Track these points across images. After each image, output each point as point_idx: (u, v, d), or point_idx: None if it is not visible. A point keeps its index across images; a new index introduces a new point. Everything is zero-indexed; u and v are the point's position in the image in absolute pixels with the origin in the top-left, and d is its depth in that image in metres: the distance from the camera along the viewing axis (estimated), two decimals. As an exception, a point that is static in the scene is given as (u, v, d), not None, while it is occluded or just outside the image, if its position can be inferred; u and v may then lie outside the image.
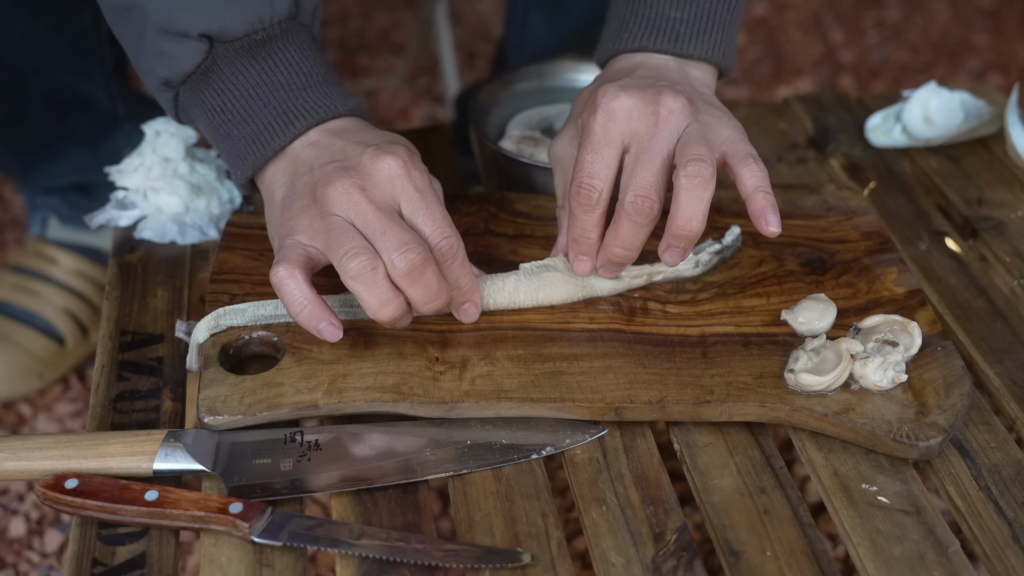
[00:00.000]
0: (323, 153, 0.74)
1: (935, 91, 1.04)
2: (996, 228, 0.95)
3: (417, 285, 0.70)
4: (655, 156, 0.73)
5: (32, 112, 1.19)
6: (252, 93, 0.75)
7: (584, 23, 1.29)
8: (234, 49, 0.75)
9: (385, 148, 0.73)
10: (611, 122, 0.74)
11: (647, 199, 0.72)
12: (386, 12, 2.13)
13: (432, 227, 0.72)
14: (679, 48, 0.80)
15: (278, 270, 0.70)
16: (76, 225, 1.31)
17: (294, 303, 0.71)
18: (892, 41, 2.11)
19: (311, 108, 0.75)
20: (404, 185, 0.72)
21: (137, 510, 0.67)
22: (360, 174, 0.71)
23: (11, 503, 1.21)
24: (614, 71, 0.81)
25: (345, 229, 0.70)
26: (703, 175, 0.71)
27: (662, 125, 0.73)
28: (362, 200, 0.70)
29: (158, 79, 0.76)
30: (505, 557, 0.65)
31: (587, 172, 0.74)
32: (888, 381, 0.74)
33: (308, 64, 0.77)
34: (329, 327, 0.71)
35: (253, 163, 0.76)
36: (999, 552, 0.68)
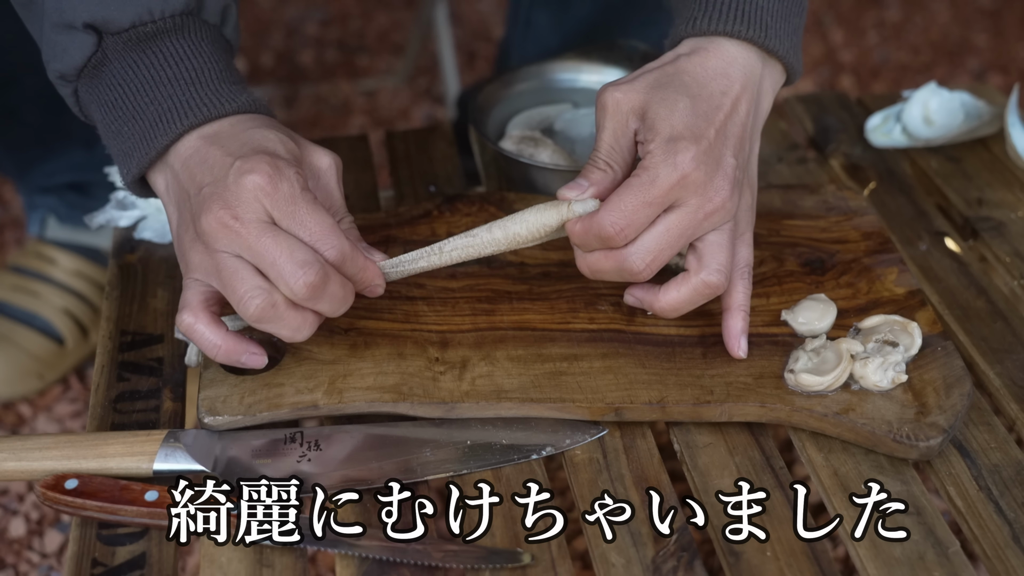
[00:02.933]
0: (196, 172, 0.71)
1: (935, 91, 1.04)
2: (996, 228, 0.95)
3: (323, 300, 0.69)
4: (684, 237, 0.72)
5: (26, 109, 1.19)
6: (140, 88, 0.73)
7: (588, 22, 1.29)
8: (123, 42, 0.73)
9: (247, 162, 0.69)
10: (678, 187, 0.70)
11: (655, 263, 0.72)
12: (386, 12, 2.13)
13: (311, 239, 0.68)
14: (767, 40, 0.75)
15: (183, 317, 0.70)
16: (75, 225, 1.31)
17: (208, 346, 0.70)
18: (892, 41, 2.11)
19: (195, 106, 0.72)
20: (273, 201, 0.68)
21: (137, 510, 0.67)
22: (227, 200, 0.68)
23: (11, 503, 1.21)
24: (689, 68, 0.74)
25: (234, 269, 0.68)
26: (717, 289, 0.73)
27: (710, 217, 0.72)
28: (240, 230, 0.67)
29: (55, 73, 0.75)
30: (505, 557, 0.65)
31: (628, 221, 0.70)
32: (888, 381, 0.74)
33: (200, 60, 0.74)
34: (251, 357, 0.71)
35: (139, 162, 0.74)
36: (999, 552, 0.68)
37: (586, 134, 0.99)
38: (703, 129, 0.71)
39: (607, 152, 0.74)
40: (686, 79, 0.73)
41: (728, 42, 0.74)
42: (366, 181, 0.99)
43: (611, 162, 0.73)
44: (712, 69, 0.73)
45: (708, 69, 0.73)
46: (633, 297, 0.78)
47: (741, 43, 0.75)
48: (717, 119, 0.72)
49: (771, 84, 0.77)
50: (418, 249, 0.75)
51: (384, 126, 1.85)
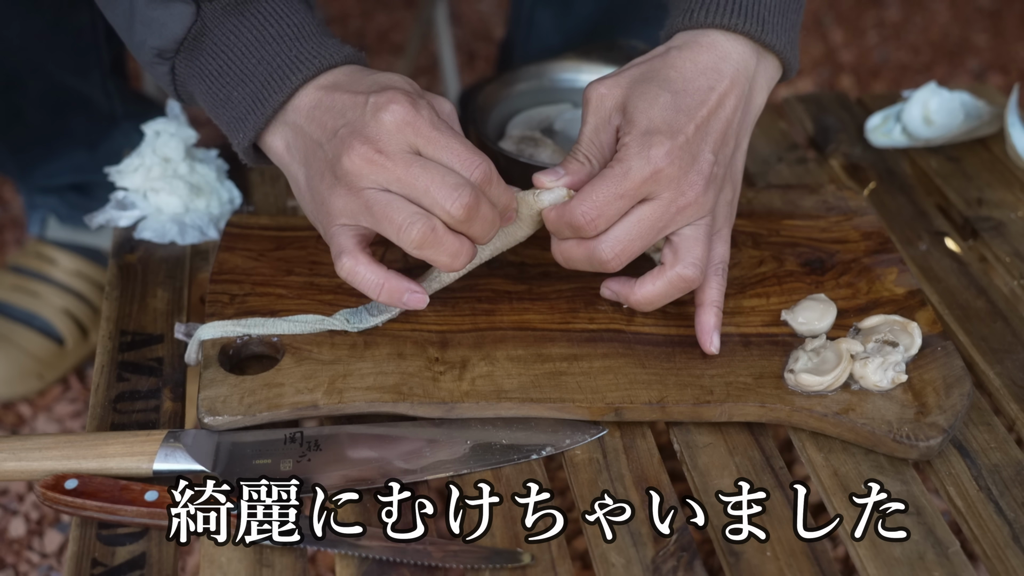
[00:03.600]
0: (326, 119, 0.71)
1: (935, 91, 1.04)
2: (996, 228, 0.95)
3: (476, 222, 0.69)
4: (656, 231, 0.72)
5: (29, 110, 1.19)
6: (245, 51, 0.73)
7: (591, 22, 1.29)
8: (221, 8, 0.73)
9: (382, 96, 0.70)
10: (651, 181, 0.70)
11: (623, 254, 0.72)
12: (386, 12, 2.13)
13: (458, 161, 0.69)
14: (763, 34, 0.74)
15: (342, 261, 0.70)
16: (75, 225, 1.31)
17: (371, 286, 0.71)
18: (892, 41, 2.11)
19: (306, 59, 0.73)
20: (416, 129, 0.69)
21: (137, 510, 0.67)
22: (369, 136, 0.69)
23: (11, 503, 1.21)
24: (677, 63, 0.74)
25: (387, 202, 0.68)
26: (692, 283, 0.74)
27: (684, 211, 0.72)
28: (386, 163, 0.68)
29: (152, 51, 0.75)
30: (505, 558, 0.65)
31: (599, 211, 0.71)
32: (888, 381, 0.74)
33: (298, 16, 0.75)
34: (413, 296, 0.72)
35: (255, 124, 0.74)
36: (999, 552, 0.68)
37: (586, 134, 0.99)
38: (682, 124, 0.71)
39: (586, 145, 0.75)
40: (672, 74, 0.73)
41: (723, 36, 0.74)
42: (366, 181, 0.99)
43: (589, 155, 0.74)
44: (703, 64, 0.73)
45: (698, 64, 0.73)
46: (609, 290, 0.78)
47: (736, 37, 0.74)
48: (699, 115, 0.72)
49: (766, 80, 0.77)
50: None
51: (384, 126, 1.84)
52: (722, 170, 0.74)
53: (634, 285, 0.76)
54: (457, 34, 2.01)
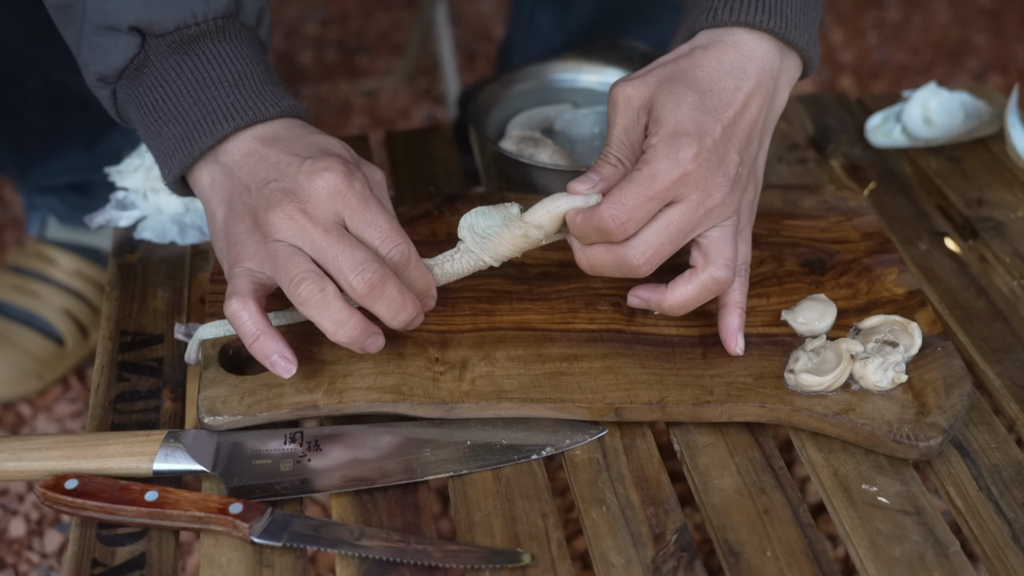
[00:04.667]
0: (259, 169, 0.72)
1: (935, 91, 1.04)
2: (996, 228, 0.95)
3: (380, 301, 0.69)
4: (683, 231, 0.72)
5: (27, 109, 1.19)
6: (183, 90, 0.74)
7: (591, 22, 1.29)
8: (166, 44, 0.74)
9: (320, 162, 0.71)
10: (679, 184, 0.70)
11: (654, 259, 0.72)
12: (386, 12, 2.13)
13: (380, 237, 0.70)
14: (787, 32, 0.73)
15: (231, 302, 0.70)
16: (75, 225, 1.31)
17: (247, 335, 0.70)
18: (892, 41, 2.11)
19: (242, 108, 0.73)
20: (346, 200, 0.70)
21: (137, 510, 0.67)
22: (299, 196, 0.70)
23: (11, 503, 1.21)
24: (703, 63, 0.73)
25: (290, 255, 0.69)
26: (725, 284, 0.74)
27: (710, 213, 0.72)
28: (307, 224, 0.69)
29: (94, 75, 0.76)
30: (505, 558, 0.65)
31: (628, 215, 0.70)
32: (888, 381, 0.74)
33: (243, 62, 0.75)
34: (281, 360, 0.71)
35: (181, 162, 0.74)
36: (999, 552, 0.68)
37: (586, 134, 0.99)
38: (709, 126, 0.71)
39: (617, 147, 0.74)
40: (699, 74, 0.72)
41: (747, 34, 0.74)
42: (366, 181, 0.99)
43: (621, 157, 0.73)
44: (728, 64, 0.73)
45: (724, 63, 0.73)
46: (638, 298, 0.77)
47: (761, 35, 0.74)
48: (725, 116, 0.71)
49: (788, 78, 0.76)
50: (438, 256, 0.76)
51: (384, 126, 1.85)
52: (747, 170, 0.73)
53: (665, 291, 0.75)
54: (457, 34, 2.01)
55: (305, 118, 0.78)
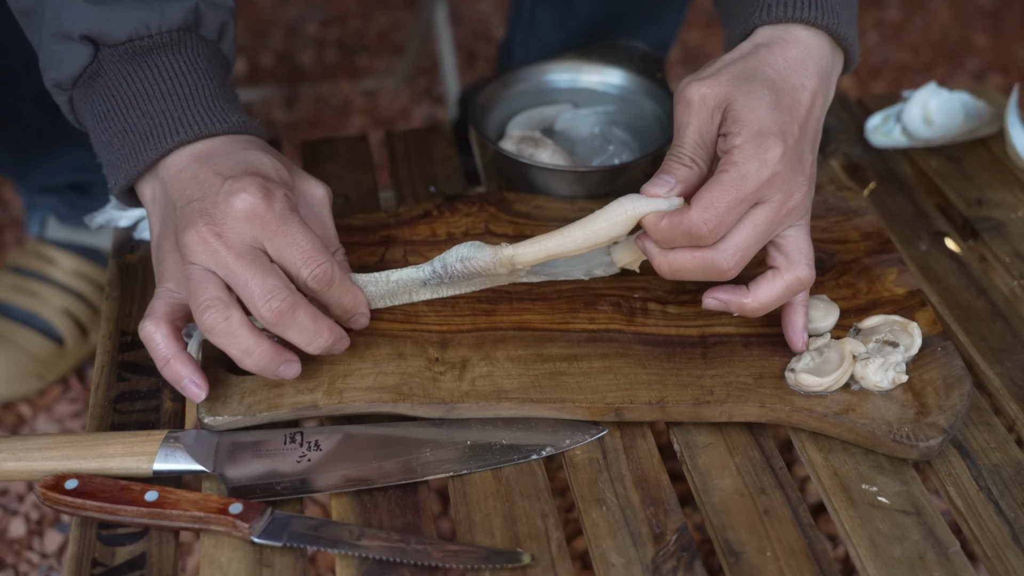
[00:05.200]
0: (186, 187, 0.71)
1: (935, 91, 1.04)
2: (996, 228, 0.95)
3: (292, 330, 0.69)
4: (768, 232, 0.72)
5: (26, 108, 1.19)
6: (133, 101, 0.73)
7: (592, 21, 1.29)
8: (119, 55, 0.73)
9: (238, 183, 0.69)
10: (766, 184, 0.70)
11: (742, 261, 0.72)
12: (386, 12, 2.13)
13: (301, 258, 0.69)
14: (839, 27, 0.73)
15: (145, 323, 0.70)
16: (75, 225, 1.31)
17: (157, 358, 0.70)
18: (892, 41, 2.11)
19: (187, 123, 0.73)
20: (263, 221, 0.68)
21: (137, 510, 0.67)
22: (215, 217, 0.68)
23: (11, 503, 1.21)
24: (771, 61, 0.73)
25: (202, 280, 0.68)
26: (807, 284, 0.74)
27: (790, 213, 0.72)
28: (220, 248, 0.68)
29: (51, 81, 0.76)
30: (505, 558, 0.65)
31: (719, 219, 0.69)
32: (888, 381, 0.74)
33: (195, 77, 0.74)
34: (191, 385, 0.70)
35: (127, 174, 0.74)
36: (999, 552, 0.68)
37: (586, 134, 0.99)
38: (788, 125, 0.70)
39: (691, 148, 0.73)
40: (769, 72, 0.72)
41: (804, 31, 0.74)
42: (366, 181, 0.99)
43: (696, 158, 0.73)
44: (793, 61, 0.73)
45: (789, 61, 0.73)
46: (716, 300, 0.75)
47: (816, 31, 0.74)
48: (799, 115, 0.71)
49: (836, 74, 0.76)
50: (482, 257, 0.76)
51: (384, 126, 1.85)
52: (813, 169, 0.73)
53: (746, 292, 0.74)
54: (457, 34, 2.01)
55: (257, 134, 0.77)
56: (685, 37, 2.08)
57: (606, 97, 1.02)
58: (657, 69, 1.01)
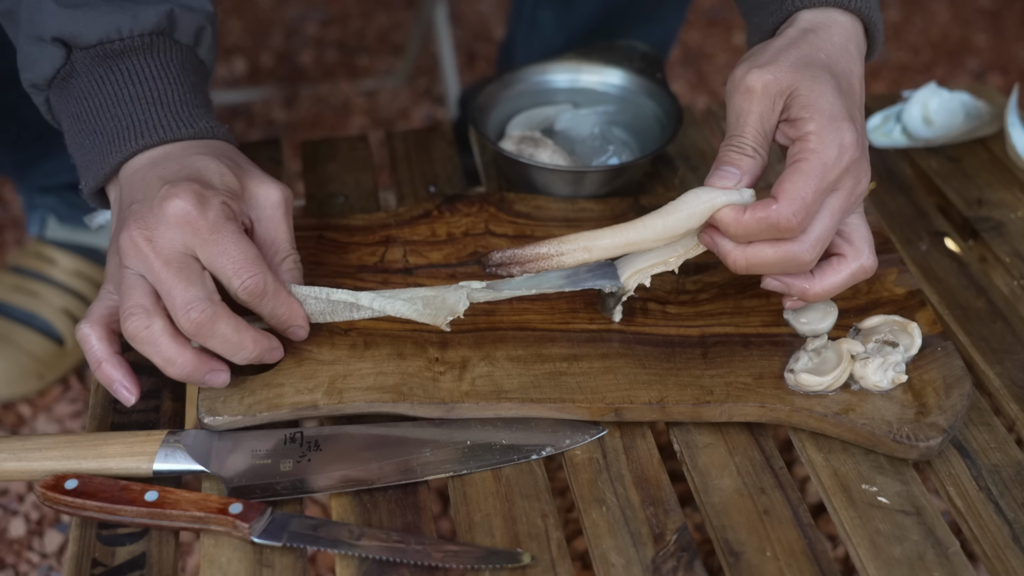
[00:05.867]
0: (135, 190, 0.71)
1: (935, 92, 1.04)
2: (996, 228, 0.95)
3: (213, 340, 0.68)
4: (840, 219, 0.71)
5: (25, 107, 1.19)
6: (103, 104, 0.73)
7: (593, 21, 1.29)
8: (91, 57, 0.74)
9: (175, 188, 0.68)
10: (844, 172, 0.69)
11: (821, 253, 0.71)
12: (386, 12, 2.13)
13: (232, 268, 0.68)
14: (871, 12, 0.73)
15: (81, 326, 0.70)
16: (75, 225, 1.31)
17: (90, 360, 0.70)
18: (892, 41, 2.11)
19: (152, 127, 0.72)
20: (195, 228, 0.67)
21: (137, 510, 0.67)
22: (149, 221, 0.68)
23: (11, 503, 1.21)
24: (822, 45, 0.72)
25: (131, 285, 0.68)
26: (867, 273, 0.74)
27: (859, 198, 0.72)
28: (150, 253, 0.67)
29: (27, 82, 0.76)
30: (505, 558, 0.65)
31: (808, 210, 0.68)
32: (888, 381, 0.74)
33: (164, 81, 0.74)
34: (121, 389, 0.70)
35: (95, 176, 0.74)
36: (999, 552, 0.68)
37: (586, 134, 0.99)
38: (852, 109, 0.70)
39: (754, 137, 0.72)
40: (823, 57, 0.72)
41: (843, 15, 0.74)
42: (366, 181, 0.99)
43: (759, 147, 0.72)
44: (839, 46, 0.72)
45: (836, 45, 0.72)
46: (779, 282, 0.74)
47: (852, 16, 0.74)
48: (857, 99, 0.71)
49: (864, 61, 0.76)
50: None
51: (384, 126, 1.85)
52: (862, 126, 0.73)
53: (810, 278, 0.73)
54: (457, 34, 2.01)
55: (226, 139, 0.76)
56: (685, 37, 2.08)
57: (606, 97, 1.02)
58: (657, 69, 1.01)
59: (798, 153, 0.69)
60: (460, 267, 0.84)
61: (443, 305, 0.74)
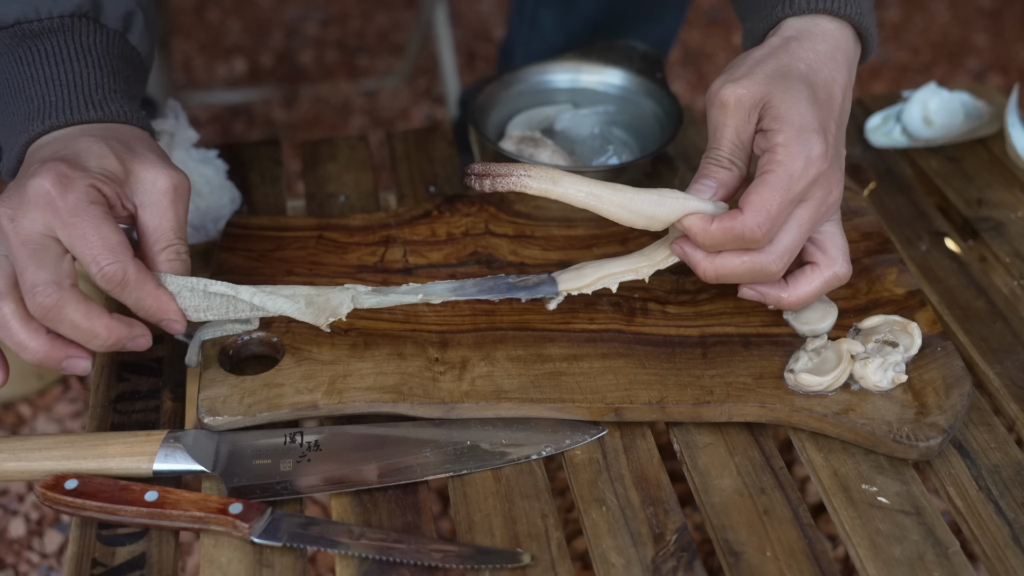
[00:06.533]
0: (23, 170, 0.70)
1: (935, 92, 1.04)
2: (996, 228, 0.95)
3: (63, 326, 0.66)
4: (810, 230, 0.71)
5: None
6: (19, 83, 0.72)
7: (593, 20, 1.29)
8: (10, 36, 0.73)
9: (41, 167, 0.66)
10: (811, 183, 0.69)
11: (788, 263, 0.72)
12: (386, 12, 2.13)
13: (89, 255, 0.66)
14: (861, 17, 0.73)
15: None
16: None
17: None
18: (892, 41, 2.11)
19: (61, 109, 0.71)
20: (54, 210, 0.65)
21: (137, 511, 0.67)
22: (14, 201, 0.66)
23: (11, 504, 1.21)
24: (802, 55, 0.72)
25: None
26: (840, 281, 0.74)
27: (829, 208, 0.72)
28: (10, 232, 0.66)
29: None
30: (505, 558, 0.65)
31: (772, 221, 0.69)
32: (888, 381, 0.74)
33: (82, 63, 0.73)
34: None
35: (8, 158, 0.73)
36: (999, 552, 0.68)
37: (586, 134, 0.99)
38: (826, 120, 0.70)
39: (730, 149, 0.72)
40: (802, 67, 0.71)
41: (831, 22, 0.73)
42: (366, 181, 0.99)
43: (735, 159, 0.73)
44: (823, 54, 0.72)
45: (819, 54, 0.72)
46: (754, 291, 0.75)
47: (841, 23, 0.73)
48: (834, 109, 0.71)
49: (856, 65, 0.76)
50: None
51: (384, 126, 1.85)
52: (840, 132, 0.73)
53: (785, 287, 0.74)
54: (457, 34, 2.01)
55: (140, 126, 0.75)
56: (685, 37, 2.08)
57: (606, 97, 1.02)
58: (657, 69, 1.01)
59: (765, 165, 0.70)
60: (460, 267, 0.84)
61: (326, 305, 0.73)
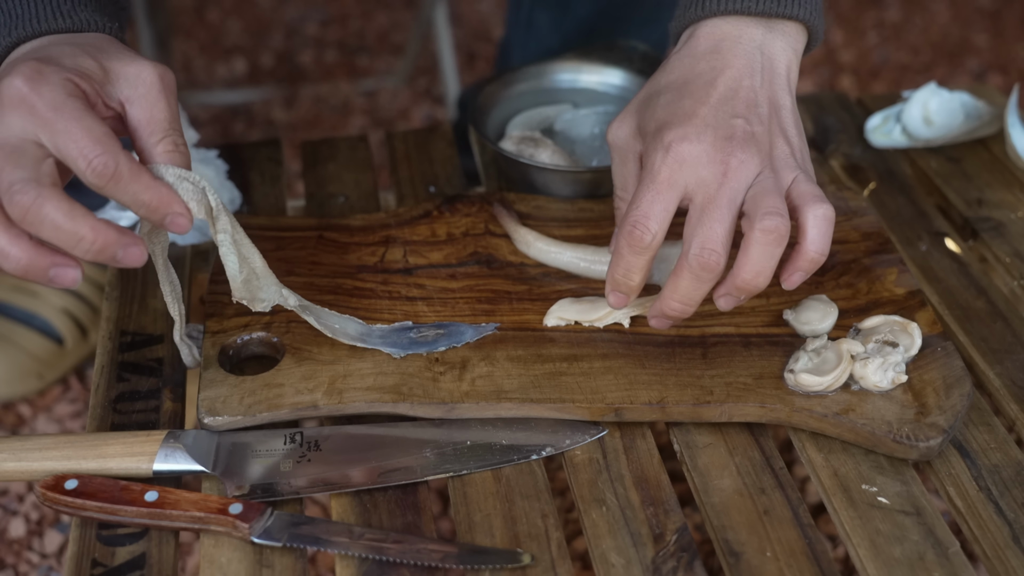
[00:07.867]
0: None
1: (935, 92, 1.04)
2: (996, 229, 0.95)
3: (44, 228, 0.61)
4: (723, 208, 0.69)
5: None
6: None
7: (589, 22, 1.29)
8: None
9: (13, 69, 0.63)
10: (679, 167, 0.69)
11: (714, 252, 0.68)
12: (386, 12, 2.13)
13: (76, 151, 0.61)
14: (758, 6, 0.73)
15: None
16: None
17: None
18: (892, 41, 2.11)
19: (28, 19, 0.68)
20: (31, 108, 0.61)
21: (137, 511, 0.67)
22: None
23: (11, 504, 1.21)
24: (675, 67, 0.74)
25: None
26: (779, 231, 0.68)
27: (731, 176, 0.69)
28: None
29: None
30: (505, 558, 0.65)
31: (643, 212, 0.69)
32: (888, 382, 0.74)
33: None
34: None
35: None
36: (999, 553, 0.68)
37: (586, 134, 0.99)
38: (691, 109, 0.71)
39: (620, 186, 0.78)
40: (671, 78, 0.74)
41: (719, 20, 0.75)
42: (366, 181, 0.99)
43: (624, 195, 0.77)
44: (701, 52, 0.74)
45: (697, 54, 0.74)
46: (724, 298, 0.72)
47: (729, 17, 0.74)
48: (711, 96, 0.71)
49: (785, 43, 0.75)
50: None
51: (384, 126, 1.85)
52: (762, 128, 0.71)
53: (733, 273, 0.70)
54: (457, 34, 2.01)
55: (110, 33, 0.71)
56: (685, 37, 2.08)
57: (606, 97, 1.02)
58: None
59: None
60: (460, 267, 0.84)
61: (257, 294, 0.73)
